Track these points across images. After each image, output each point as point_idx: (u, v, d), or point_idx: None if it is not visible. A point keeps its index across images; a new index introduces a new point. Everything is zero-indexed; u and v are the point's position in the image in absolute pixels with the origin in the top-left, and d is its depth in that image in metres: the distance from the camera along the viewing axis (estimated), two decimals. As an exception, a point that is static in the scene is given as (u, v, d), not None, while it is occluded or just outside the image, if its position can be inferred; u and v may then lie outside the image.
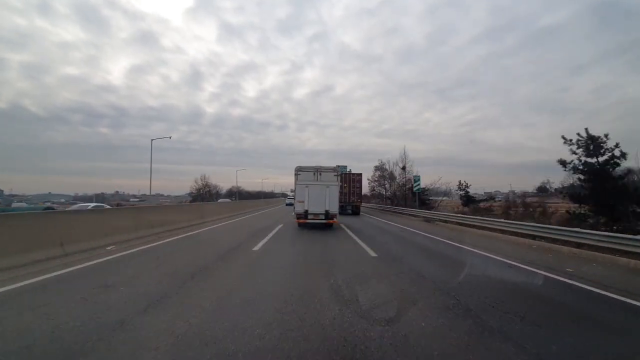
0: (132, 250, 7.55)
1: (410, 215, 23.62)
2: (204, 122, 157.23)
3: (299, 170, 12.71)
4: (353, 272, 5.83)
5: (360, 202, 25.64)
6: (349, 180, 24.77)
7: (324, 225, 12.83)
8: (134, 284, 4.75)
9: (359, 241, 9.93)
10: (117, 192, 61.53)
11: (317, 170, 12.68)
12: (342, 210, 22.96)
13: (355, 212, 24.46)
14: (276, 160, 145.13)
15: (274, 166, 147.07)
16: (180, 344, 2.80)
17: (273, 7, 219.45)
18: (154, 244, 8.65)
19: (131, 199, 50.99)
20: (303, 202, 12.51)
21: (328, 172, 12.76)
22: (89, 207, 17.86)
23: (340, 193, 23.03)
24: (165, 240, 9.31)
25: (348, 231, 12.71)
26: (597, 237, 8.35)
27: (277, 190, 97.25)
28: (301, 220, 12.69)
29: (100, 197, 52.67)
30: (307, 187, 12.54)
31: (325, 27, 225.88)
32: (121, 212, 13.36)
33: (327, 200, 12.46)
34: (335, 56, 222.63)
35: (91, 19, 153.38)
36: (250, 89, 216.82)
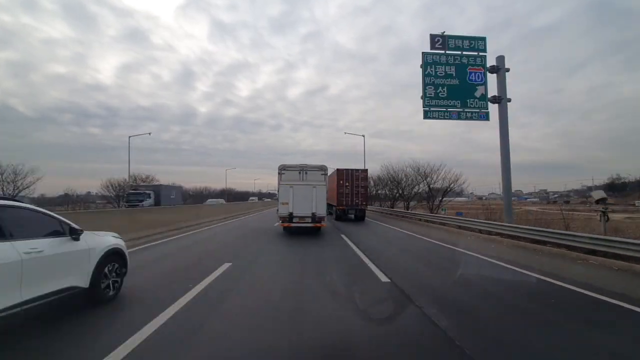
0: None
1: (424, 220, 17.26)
2: (197, 122, 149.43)
3: (282, 169, 11.70)
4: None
5: (366, 204, 20.96)
6: (351, 178, 19.79)
7: (311, 228, 11.76)
8: None
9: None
10: (88, 192, 53.55)
11: (303, 169, 11.68)
12: (344, 215, 19.66)
13: (360, 216, 19.92)
14: (270, 161, 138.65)
15: (269, 167, 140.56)
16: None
17: (265, 4, 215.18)
18: None
19: (98, 200, 44.68)
20: (287, 204, 11.48)
21: (314, 171, 11.73)
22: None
23: (342, 194, 19.49)
24: None
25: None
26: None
27: (264, 190, 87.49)
28: (286, 224, 11.61)
29: (62, 198, 45.18)
30: (291, 187, 11.56)
31: (319, 25, 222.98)
32: None
33: (314, 201, 11.43)
34: (330, 55, 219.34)
35: (78, 16, 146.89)
36: (244, 88, 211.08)
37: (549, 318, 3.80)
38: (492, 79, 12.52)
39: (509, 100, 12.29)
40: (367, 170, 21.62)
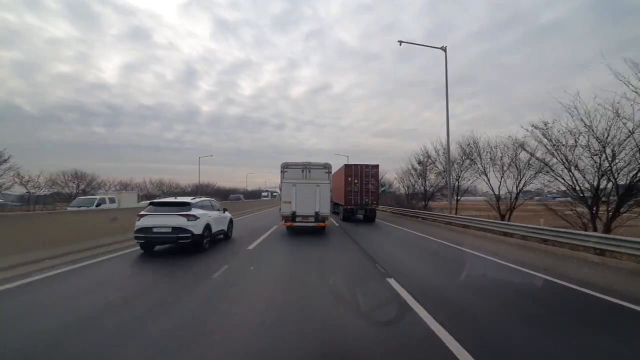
0: None
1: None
2: (200, 121, 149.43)
3: (285, 167, 11.66)
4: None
5: (377, 204, 19.23)
6: (360, 175, 18.42)
7: (314, 227, 11.77)
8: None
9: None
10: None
11: (306, 167, 11.61)
12: (352, 215, 18.47)
13: (370, 217, 18.70)
14: (273, 160, 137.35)
15: (272, 166, 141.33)
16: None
17: (268, 2, 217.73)
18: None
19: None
20: (290, 202, 11.56)
21: (318, 169, 11.63)
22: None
23: (350, 192, 18.40)
24: None
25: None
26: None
27: (263, 188, 71.64)
28: (289, 223, 11.72)
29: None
30: (294, 186, 11.54)
31: (322, 23, 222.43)
32: None
33: (317, 200, 11.46)
34: (333, 54, 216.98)
35: (82, 15, 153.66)
36: (247, 86, 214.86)
37: None
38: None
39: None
40: (377, 165, 19.04)
